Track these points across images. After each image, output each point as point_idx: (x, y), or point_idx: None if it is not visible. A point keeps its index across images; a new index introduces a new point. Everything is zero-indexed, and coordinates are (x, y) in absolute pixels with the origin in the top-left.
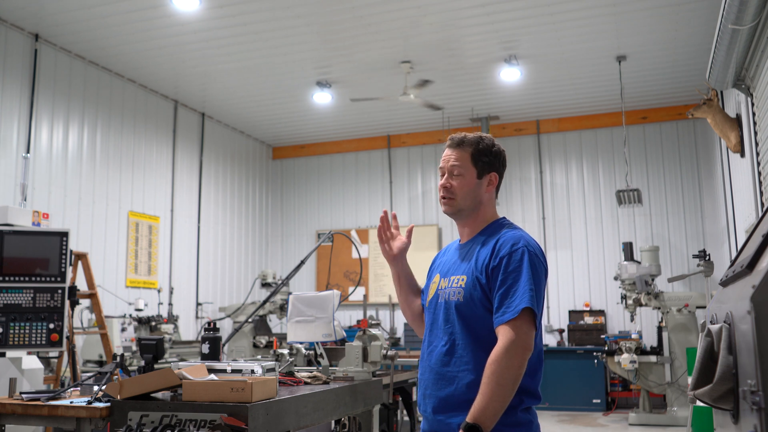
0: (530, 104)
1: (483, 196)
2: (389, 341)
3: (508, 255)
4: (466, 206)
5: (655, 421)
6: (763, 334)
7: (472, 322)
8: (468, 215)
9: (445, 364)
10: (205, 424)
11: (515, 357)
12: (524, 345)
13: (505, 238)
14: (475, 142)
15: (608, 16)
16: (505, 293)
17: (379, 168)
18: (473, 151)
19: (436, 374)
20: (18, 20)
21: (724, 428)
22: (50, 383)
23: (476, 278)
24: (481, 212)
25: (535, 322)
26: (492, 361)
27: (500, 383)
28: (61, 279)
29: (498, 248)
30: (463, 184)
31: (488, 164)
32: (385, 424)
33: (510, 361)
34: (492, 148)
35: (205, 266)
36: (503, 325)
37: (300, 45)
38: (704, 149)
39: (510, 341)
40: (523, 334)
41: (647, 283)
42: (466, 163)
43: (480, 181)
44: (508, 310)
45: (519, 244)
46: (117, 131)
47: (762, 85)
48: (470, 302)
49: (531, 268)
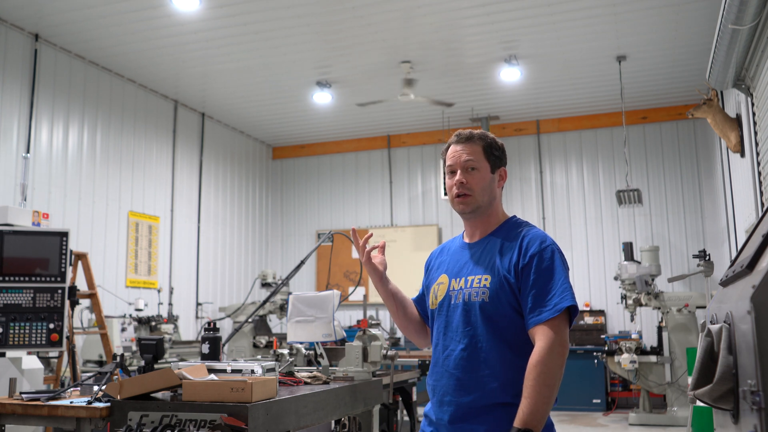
0: (530, 104)
1: (496, 191)
2: (389, 341)
3: (539, 253)
4: (484, 202)
5: (655, 421)
6: (763, 334)
7: (498, 322)
8: (484, 212)
9: (466, 369)
10: (205, 424)
11: (558, 357)
12: (564, 344)
13: (531, 236)
14: (484, 136)
15: (608, 16)
16: (540, 292)
17: (379, 168)
18: (485, 145)
19: (457, 380)
20: (18, 20)
21: (724, 428)
22: (50, 383)
23: (503, 277)
24: (494, 209)
25: (572, 321)
26: (537, 362)
27: (548, 384)
28: (61, 279)
29: (525, 246)
30: (480, 178)
31: (499, 158)
32: (385, 424)
33: (554, 360)
34: (498, 142)
35: (205, 266)
36: (541, 324)
37: (300, 45)
38: (704, 149)
39: (552, 340)
40: (562, 332)
41: (647, 283)
42: (479, 157)
43: (493, 175)
44: (545, 309)
45: (547, 242)
46: (117, 131)
47: (762, 85)
48: (497, 302)
49: (563, 265)
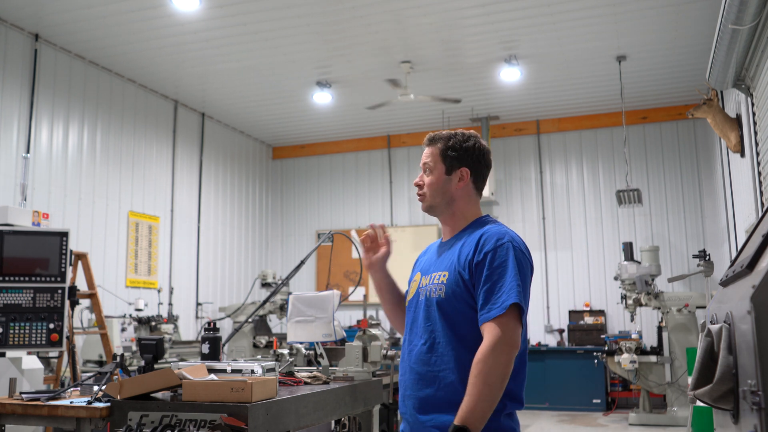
0: (530, 104)
1: (454, 192)
2: (389, 341)
3: (493, 250)
4: (436, 203)
5: (655, 421)
6: (763, 334)
7: (453, 319)
8: (442, 212)
9: (425, 363)
10: (205, 424)
11: (502, 355)
12: (511, 342)
13: (489, 234)
14: (446, 138)
15: (608, 16)
16: (491, 289)
17: (379, 168)
18: (442, 147)
19: (416, 374)
20: (18, 20)
21: (724, 428)
22: (50, 383)
23: (459, 273)
24: (458, 209)
25: (521, 319)
26: (478, 360)
27: (488, 382)
28: (61, 279)
29: (482, 243)
30: (432, 180)
31: (457, 159)
32: (385, 424)
33: (497, 359)
34: (465, 143)
35: (205, 266)
36: (489, 322)
37: (300, 45)
38: (704, 149)
39: (497, 338)
40: (510, 330)
41: (647, 283)
42: (435, 158)
43: (449, 177)
44: (494, 307)
45: (504, 239)
46: (117, 131)
47: (762, 85)
48: (452, 299)
49: (517, 263)
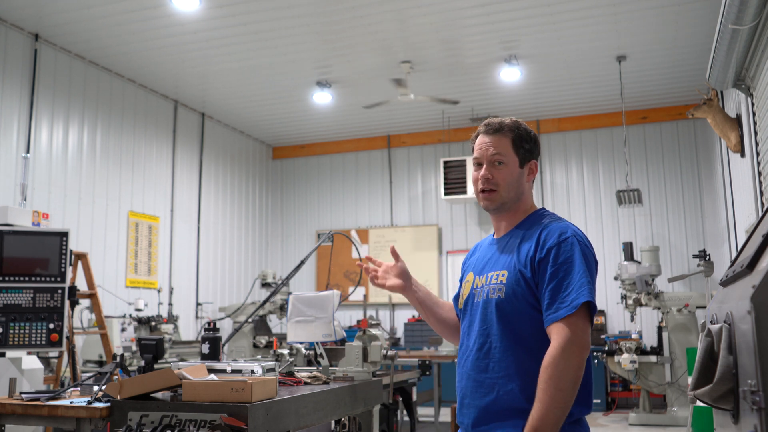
0: (530, 104)
1: (525, 186)
2: (389, 341)
3: (557, 246)
4: (509, 198)
5: (655, 421)
6: (763, 334)
7: (514, 320)
8: (509, 208)
9: (482, 370)
10: (205, 424)
11: (574, 357)
12: (582, 343)
13: (550, 228)
14: (514, 128)
15: (608, 16)
16: (557, 287)
17: (379, 168)
18: (514, 137)
19: (474, 381)
20: (18, 20)
21: (724, 428)
22: (50, 383)
23: (519, 272)
24: (522, 205)
25: (591, 318)
26: (548, 364)
27: (560, 387)
28: (61, 279)
29: (544, 239)
30: (507, 174)
31: (529, 151)
32: (385, 424)
33: (568, 361)
34: (530, 133)
35: (205, 266)
36: (558, 322)
37: (300, 45)
38: (704, 149)
39: (567, 340)
40: (580, 331)
41: (647, 283)
42: (507, 150)
43: (522, 170)
44: (562, 306)
45: (567, 233)
46: (117, 131)
47: (762, 85)
48: (513, 299)
49: (584, 258)
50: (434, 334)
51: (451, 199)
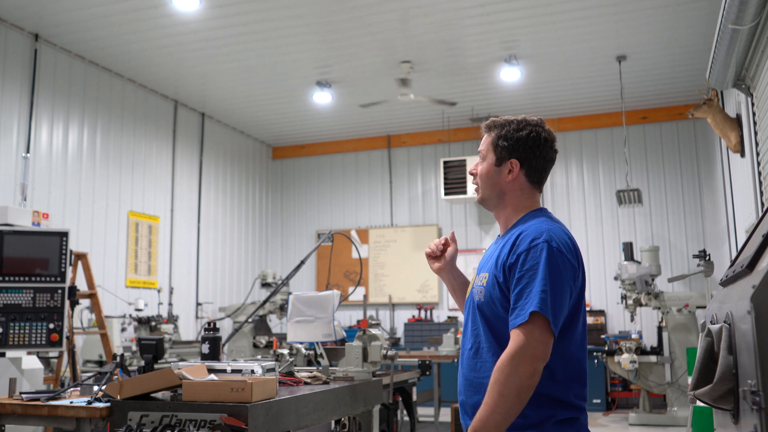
0: (530, 104)
1: (504, 185)
2: (389, 341)
3: (526, 251)
4: (486, 195)
5: (655, 421)
6: (763, 334)
7: (494, 323)
8: (495, 205)
9: (472, 369)
10: (205, 424)
11: (522, 366)
12: (533, 353)
13: (527, 232)
14: (500, 126)
15: (608, 16)
16: (520, 294)
17: (379, 168)
18: (495, 136)
19: (466, 380)
20: (18, 20)
21: (724, 428)
22: (50, 383)
23: (495, 276)
24: (509, 203)
25: (550, 327)
26: (496, 368)
27: (502, 393)
28: (61, 279)
29: (518, 243)
30: (482, 171)
31: (507, 149)
32: (385, 424)
33: (514, 369)
34: (518, 132)
35: (205, 266)
36: (515, 329)
37: (300, 45)
38: (704, 149)
39: (517, 348)
40: (534, 340)
41: (647, 283)
42: (487, 147)
43: (498, 168)
44: (520, 313)
45: (540, 238)
46: (117, 131)
47: (762, 85)
48: (490, 302)
49: (548, 266)
50: (434, 334)
51: (451, 199)
